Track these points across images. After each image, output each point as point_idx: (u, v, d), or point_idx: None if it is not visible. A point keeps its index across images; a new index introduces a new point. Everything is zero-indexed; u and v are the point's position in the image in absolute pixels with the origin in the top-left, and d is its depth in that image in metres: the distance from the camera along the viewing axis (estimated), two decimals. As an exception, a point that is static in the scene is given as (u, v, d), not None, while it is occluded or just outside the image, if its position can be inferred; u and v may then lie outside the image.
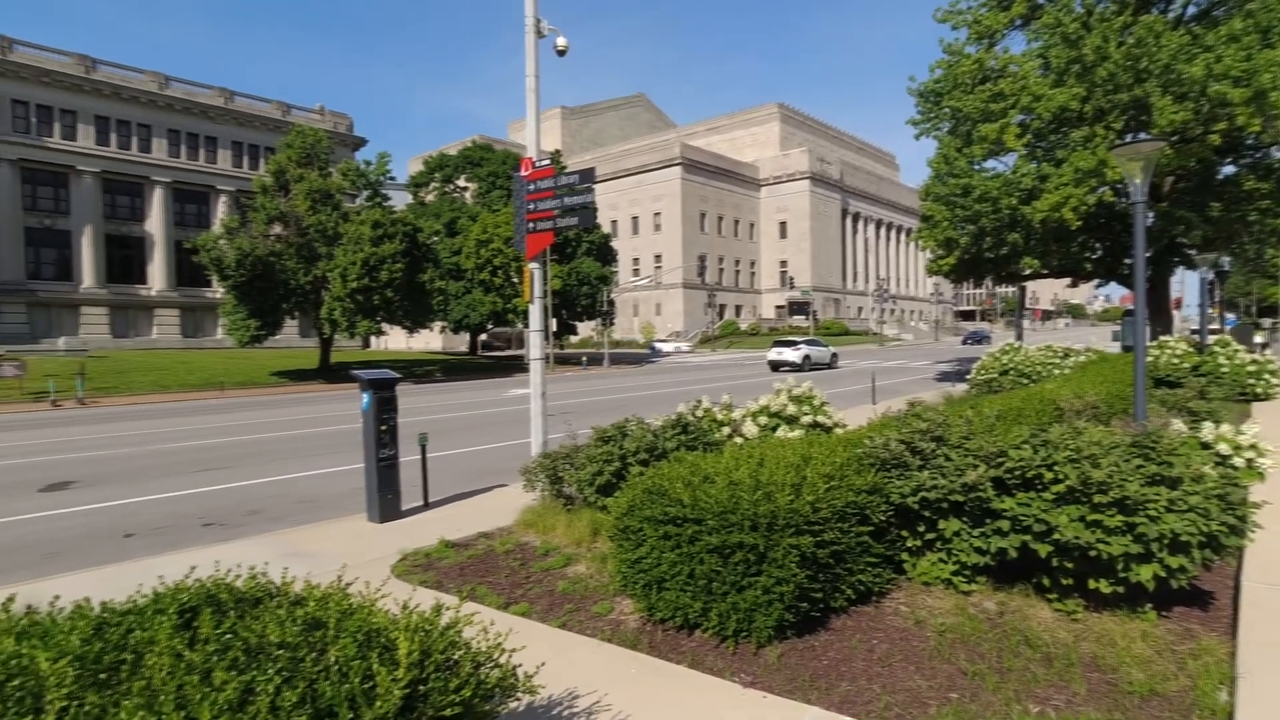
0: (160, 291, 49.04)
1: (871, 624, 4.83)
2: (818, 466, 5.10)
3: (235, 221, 36.43)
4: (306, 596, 2.49)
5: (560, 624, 5.02)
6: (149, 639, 2.16)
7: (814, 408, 8.97)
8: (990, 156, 22.16)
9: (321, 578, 3.04)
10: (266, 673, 1.94)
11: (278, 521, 8.83)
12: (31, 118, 44.06)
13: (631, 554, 4.93)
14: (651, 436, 7.43)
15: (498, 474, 10.77)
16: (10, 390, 27.96)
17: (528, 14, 9.10)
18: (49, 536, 8.43)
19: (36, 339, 42.59)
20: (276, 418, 21.29)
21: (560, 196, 8.97)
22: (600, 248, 54.17)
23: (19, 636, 2.14)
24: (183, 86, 50.24)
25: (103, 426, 20.04)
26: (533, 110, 9.36)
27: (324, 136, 38.87)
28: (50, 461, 14.01)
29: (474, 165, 57.32)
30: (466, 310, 47.47)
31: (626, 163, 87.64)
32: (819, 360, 40.17)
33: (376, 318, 35.88)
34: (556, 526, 7.11)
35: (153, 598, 2.51)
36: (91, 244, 46.08)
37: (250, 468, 12.76)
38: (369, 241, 33.90)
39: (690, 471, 5.11)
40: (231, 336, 37.52)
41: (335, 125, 56.13)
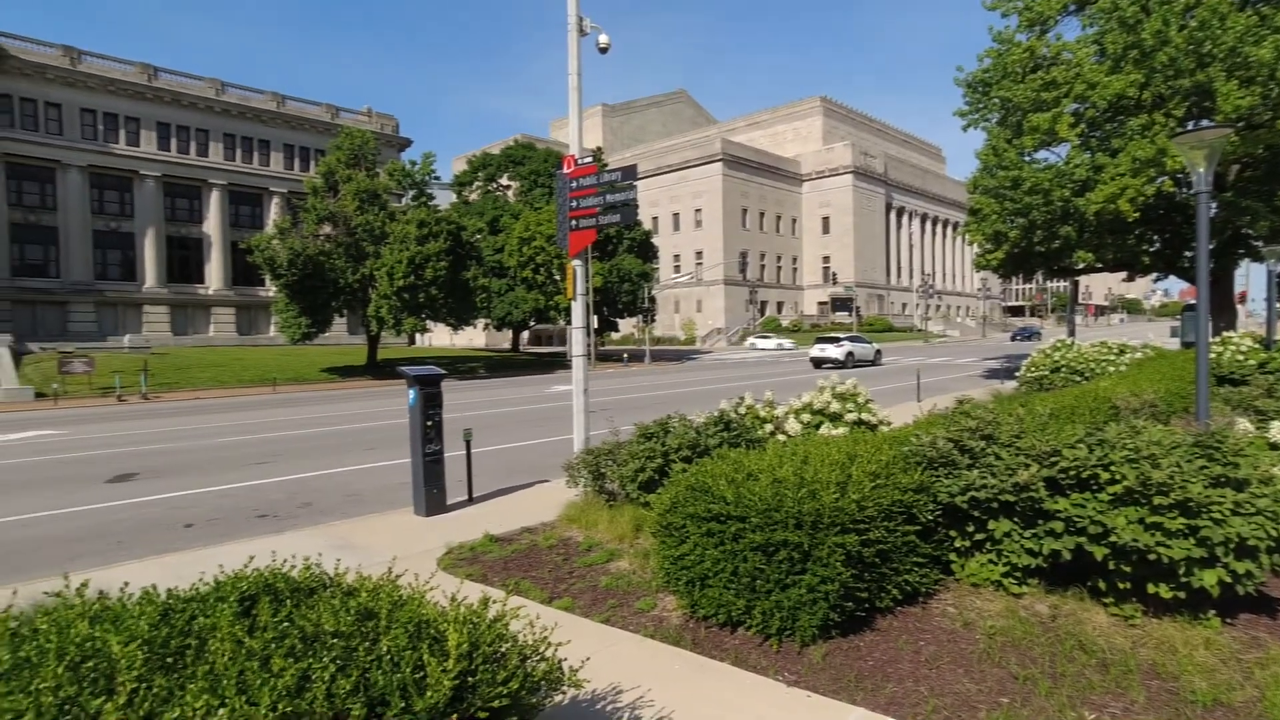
0: (217, 290, 50.77)
1: (918, 625, 4.75)
2: (863, 464, 5.03)
3: (287, 222, 37.49)
4: (359, 588, 2.56)
5: (603, 619, 5.06)
6: (211, 625, 2.24)
7: (858, 405, 8.85)
8: (1042, 147, 21.48)
9: (371, 570, 3.12)
10: (322, 661, 2.00)
11: (327, 514, 9.07)
12: (99, 125, 45.99)
13: (674, 551, 4.94)
14: (694, 433, 7.41)
15: (540, 469, 10.88)
16: (80, 385, 29.30)
17: (570, 13, 9.15)
18: (116, 525, 8.81)
19: (104, 337, 44.49)
20: (326, 413, 21.87)
21: (602, 194, 9.01)
22: (641, 245, 54.22)
23: (93, 620, 2.25)
24: (238, 92, 51.84)
25: (164, 421, 20.85)
26: (575, 108, 9.40)
27: (371, 138, 39.69)
28: (116, 454, 14.63)
29: (516, 164, 57.89)
30: (509, 307, 48.01)
31: (667, 159, 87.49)
32: (862, 357, 39.58)
33: (422, 315, 36.54)
34: (599, 522, 7.15)
35: (214, 586, 2.60)
36: (154, 245, 47.93)
37: (301, 461, 13.13)
38: (414, 240, 34.53)
39: (734, 469, 5.08)
40: (284, 334, 38.65)
41: (382, 127, 57.26)
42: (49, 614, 2.39)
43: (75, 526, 8.81)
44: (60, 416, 22.69)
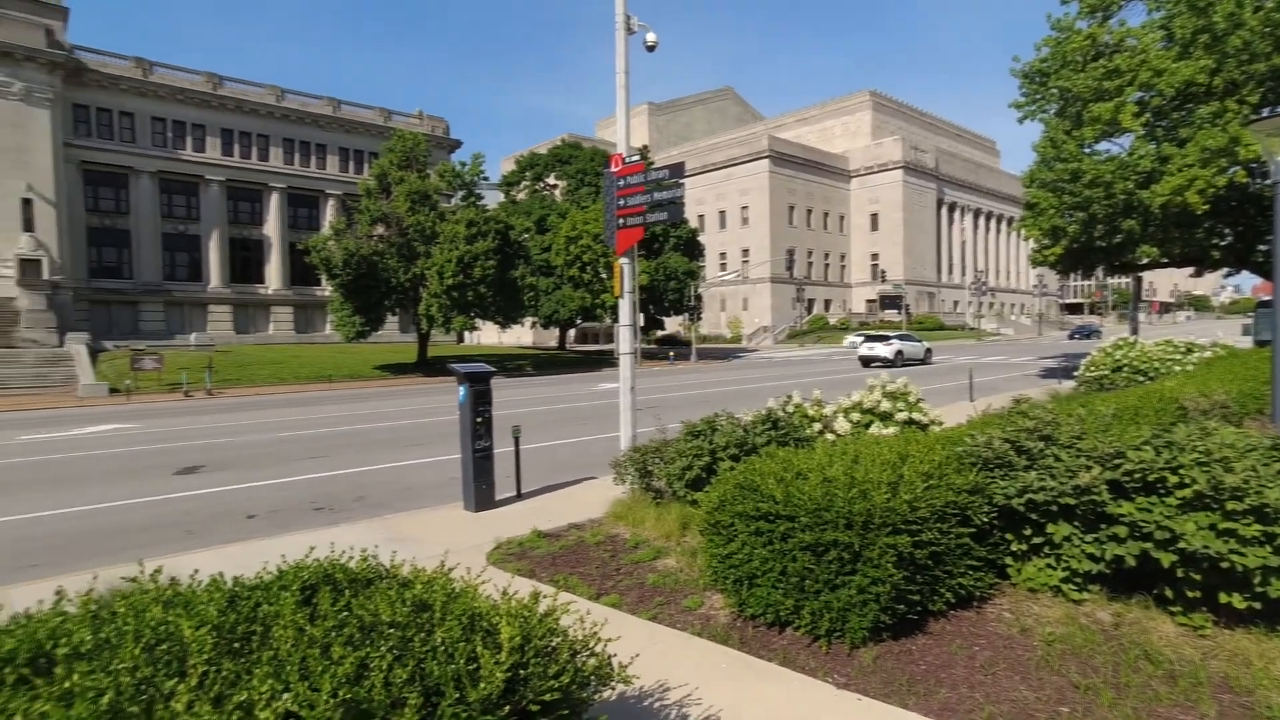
0: (276, 290, 52.52)
1: (973, 629, 4.64)
2: (915, 464, 4.93)
3: (342, 223, 38.54)
4: (413, 580, 2.62)
5: (650, 616, 5.07)
6: (275, 613, 2.33)
7: (909, 404, 8.68)
8: (1103, 138, 20.67)
9: (423, 562, 3.19)
10: (379, 650, 2.06)
11: (381, 507, 9.31)
12: (168, 133, 48.06)
13: (722, 549, 4.92)
14: (741, 432, 7.37)
15: (587, 466, 10.96)
16: (150, 381, 30.67)
17: (618, 12, 9.18)
18: (184, 516, 9.20)
19: (172, 335, 46.48)
20: (379, 409, 22.42)
21: (649, 192, 9.02)
22: (687, 243, 54.08)
23: (166, 605, 2.36)
24: (296, 98, 53.50)
25: (227, 416, 21.68)
26: (623, 107, 9.43)
27: (422, 140, 40.49)
28: (184, 447, 15.27)
29: (563, 163, 58.34)
30: (556, 306, 48.45)
31: (713, 157, 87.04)
32: (912, 356, 38.75)
33: (470, 313, 37.15)
34: (646, 520, 7.17)
35: (277, 575, 2.70)
36: (218, 247, 49.86)
37: (355, 456, 13.50)
38: (464, 240, 35.13)
39: (782, 467, 5.04)
40: (339, 332, 39.76)
41: (433, 129, 58.36)
42: (126, 598, 2.52)
43: (147, 516, 9.23)
44: (133, 411, 23.79)
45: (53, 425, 19.94)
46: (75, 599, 2.56)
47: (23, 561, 7.37)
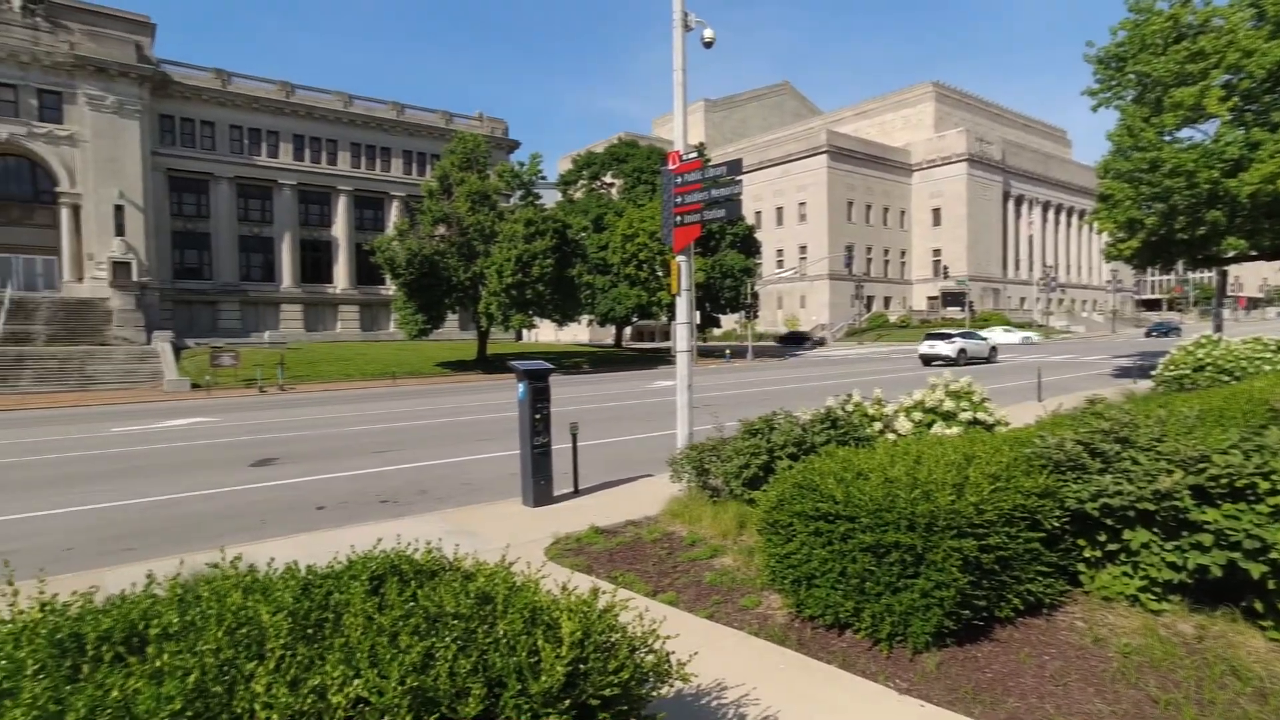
0: (343, 290, 54.40)
1: (1042, 638, 4.47)
2: (981, 466, 4.78)
3: (405, 224, 39.64)
4: (476, 572, 2.69)
5: (707, 615, 5.06)
6: (345, 601, 2.42)
7: (973, 404, 8.42)
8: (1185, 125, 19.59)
9: (484, 556, 3.26)
10: (444, 640, 2.12)
11: (442, 501, 9.54)
12: (244, 140, 50.39)
13: (780, 549, 4.88)
14: (799, 430, 7.28)
15: (644, 464, 11.00)
16: (228, 377, 32.19)
17: (675, 9, 9.16)
18: (258, 506, 9.63)
19: (247, 333, 48.70)
20: (440, 405, 22.98)
21: (707, 189, 8.98)
22: (744, 240, 53.65)
23: (245, 591, 2.47)
24: (363, 103, 55.27)
25: (298, 410, 22.57)
26: (680, 104, 9.42)
27: (482, 141, 41.29)
28: (258, 440, 15.97)
29: (619, 162, 58.60)
30: (612, 303, 48.73)
31: (770, 153, 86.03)
32: (976, 354, 37.53)
33: (529, 311, 37.72)
34: (702, 518, 7.15)
35: (347, 565, 2.80)
36: (289, 248, 51.97)
37: (418, 450, 13.87)
38: (522, 239, 35.67)
39: (842, 467, 4.96)
40: (402, 330, 40.91)
41: (492, 130, 59.43)
42: (209, 583, 2.65)
43: (225, 505, 9.70)
44: (212, 405, 25.00)
45: (141, 418, 21.13)
46: (164, 582, 2.71)
47: (118, 545, 7.84)
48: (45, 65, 41.51)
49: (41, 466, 13.32)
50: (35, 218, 42.94)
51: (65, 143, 42.27)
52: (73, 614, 2.43)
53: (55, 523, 8.97)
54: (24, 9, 41.23)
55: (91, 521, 8.98)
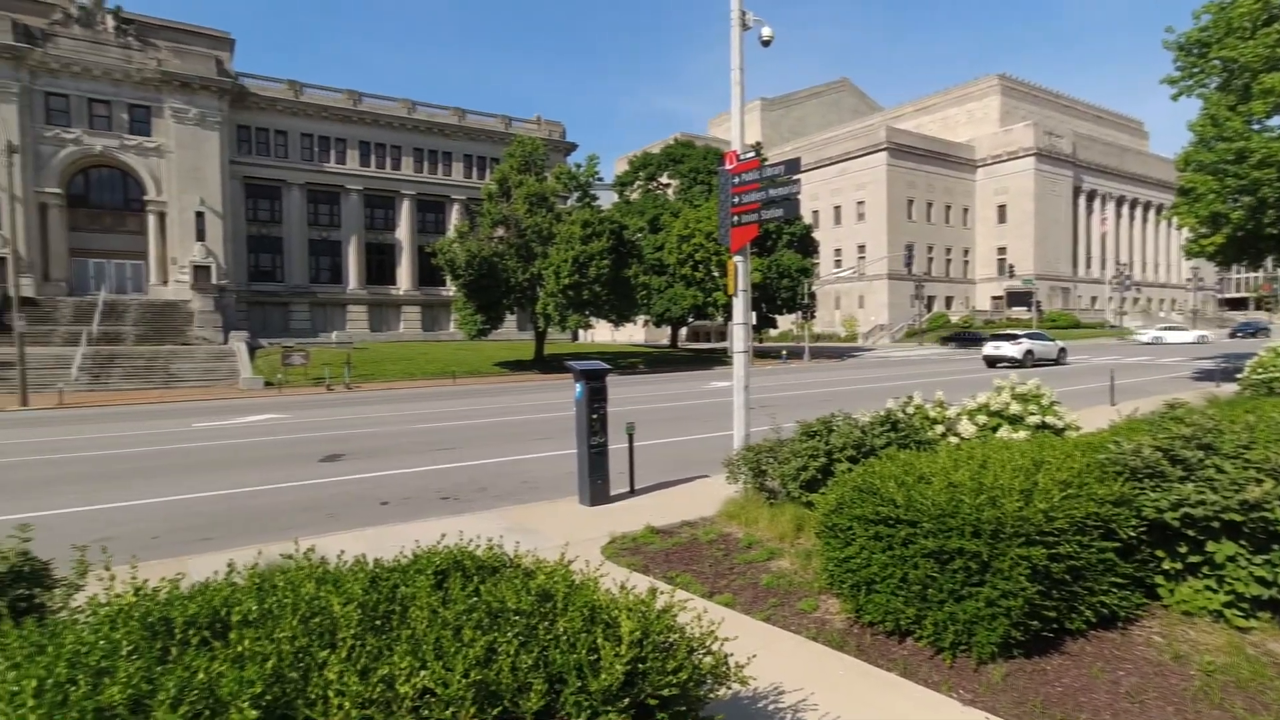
0: (406, 291, 55.99)
1: (1116, 652, 4.29)
2: (1051, 472, 4.61)
3: (465, 226, 40.53)
4: (536, 570, 2.74)
5: (764, 617, 5.03)
6: (411, 594, 2.50)
7: (1042, 407, 8.12)
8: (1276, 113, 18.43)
9: (543, 554, 3.32)
10: (506, 635, 2.17)
11: (501, 499, 9.72)
12: (314, 147, 52.46)
13: (839, 552, 4.81)
14: (859, 433, 7.16)
15: (699, 464, 10.98)
16: (298, 375, 33.51)
17: (733, 7, 9.12)
18: (327, 500, 10.00)
19: (316, 333, 50.62)
20: (499, 404, 23.40)
21: (764, 188, 8.91)
22: (801, 239, 52.94)
23: (318, 582, 2.58)
24: (425, 109, 56.78)
25: (364, 408, 23.32)
26: (737, 103, 9.37)
27: (540, 145, 41.86)
28: (326, 437, 16.57)
29: (675, 162, 58.57)
30: (668, 304, 48.74)
31: (828, 151, 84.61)
32: (1043, 355, 36.07)
33: (585, 312, 38.05)
34: (759, 519, 7.10)
35: (412, 559, 2.90)
36: (356, 251, 53.80)
37: (478, 448, 14.16)
38: (579, 240, 36.01)
39: (903, 470, 4.86)
40: (462, 330, 41.82)
41: (550, 133, 60.21)
42: (284, 573, 2.78)
43: (297, 499, 10.10)
44: (283, 403, 26.06)
45: (219, 414, 22.18)
46: (243, 571, 2.85)
47: (199, 534, 8.27)
48: (136, 82, 44.12)
49: (133, 459, 14.13)
50: (126, 225, 45.67)
51: (153, 154, 44.81)
52: (162, 599, 2.58)
53: (145, 511, 9.51)
54: (118, 30, 43.86)
55: (176, 511, 9.48)
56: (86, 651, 2.14)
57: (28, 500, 10.29)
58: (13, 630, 2.41)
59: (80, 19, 43.08)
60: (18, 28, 40.79)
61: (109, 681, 1.97)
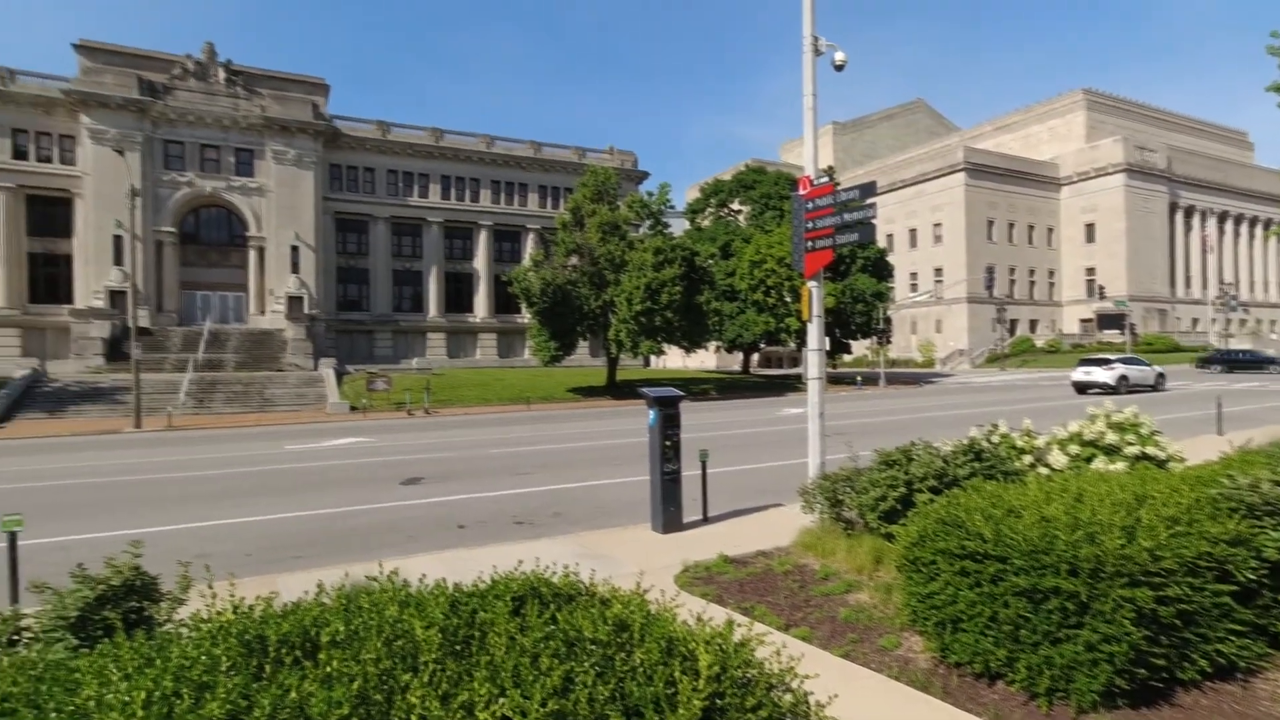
0: (483, 318, 57.70)
1: (1237, 707, 3.94)
2: (1156, 507, 4.32)
3: (540, 255, 41.55)
4: (611, 598, 2.74)
5: (843, 654, 4.86)
6: (490, 620, 2.53)
7: (1141, 436, 7.64)
8: None
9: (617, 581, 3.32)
10: (583, 665, 2.17)
11: (575, 524, 9.79)
12: (399, 183, 55.18)
13: (922, 588, 4.62)
14: (940, 462, 6.90)
15: (773, 493, 10.79)
16: (381, 400, 34.86)
17: (805, 34, 9.12)
18: (407, 522, 10.30)
19: (398, 360, 52.68)
20: (572, 430, 23.67)
21: (838, 213, 8.80)
22: (875, 263, 51.88)
23: (401, 605, 2.66)
24: (503, 143, 58.92)
25: (442, 432, 24.01)
26: (810, 129, 9.32)
27: (613, 174, 42.65)
28: (407, 460, 17.12)
29: (747, 188, 58.56)
30: (740, 330, 48.45)
31: (903, 173, 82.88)
32: (1139, 381, 33.88)
33: (657, 338, 38.21)
34: (836, 551, 6.91)
35: (490, 584, 2.94)
36: (436, 281, 55.94)
37: (552, 473, 14.33)
38: (651, 267, 36.33)
39: (990, 503, 4.64)
40: (536, 356, 42.65)
41: (622, 163, 61.33)
42: (369, 595, 2.87)
43: (379, 520, 10.45)
44: (367, 426, 27.12)
45: (309, 437, 23.26)
46: (331, 592, 2.96)
47: (289, 553, 8.65)
48: (242, 127, 47.72)
49: (232, 479, 14.96)
50: (230, 259, 49.08)
51: (255, 193, 48.17)
52: (257, 617, 2.70)
53: (240, 530, 10.03)
54: (227, 81, 47.74)
55: (269, 530, 9.96)
56: (190, 666, 2.26)
57: (138, 516, 11.02)
58: (125, 642, 2.57)
59: (196, 72, 46.99)
60: (143, 83, 44.82)
61: (209, 697, 2.07)
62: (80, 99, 43.50)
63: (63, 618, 4.08)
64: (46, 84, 44.58)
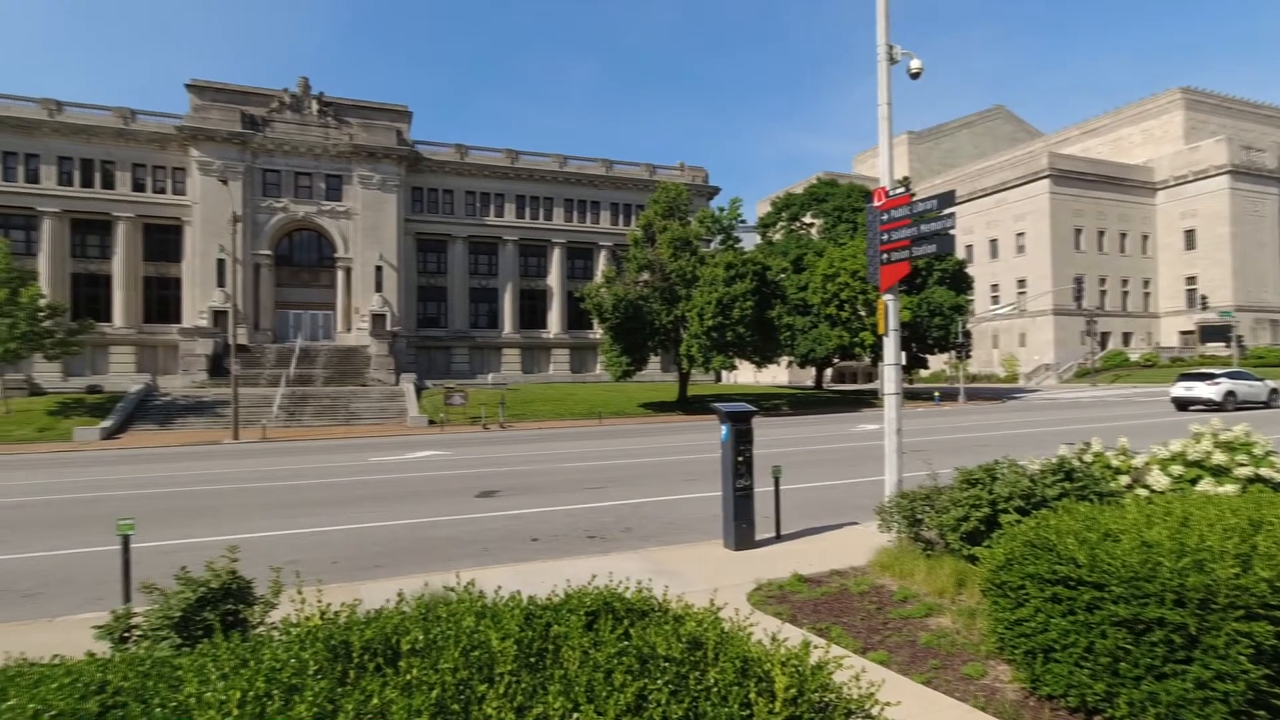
0: (556, 334, 58.75)
1: (1375, 759, 3.56)
2: (1276, 534, 3.98)
3: (612, 272, 41.98)
4: (684, 615, 2.72)
5: (924, 680, 4.67)
6: (564, 634, 2.56)
7: (1254, 457, 7.07)
8: None
9: (689, 598, 3.29)
10: (657, 682, 2.16)
11: (646, 539, 9.78)
12: (476, 203, 57.13)
13: (1010, 614, 4.39)
14: (1027, 481, 6.58)
15: (848, 510, 10.52)
16: (458, 415, 35.86)
17: (879, 43, 8.96)
18: (482, 534, 10.52)
19: (474, 375, 54.16)
20: (644, 445, 23.72)
21: (915, 224, 8.57)
22: (954, 275, 50.18)
23: (477, 616, 2.71)
24: (576, 163, 60.17)
25: (516, 446, 24.47)
26: (885, 139, 9.13)
27: (684, 190, 42.80)
28: (482, 473, 17.52)
29: (819, 201, 57.75)
30: (812, 344, 47.64)
31: (982, 182, 79.94)
32: (1249, 398, 31.35)
33: (729, 353, 37.97)
34: (915, 572, 6.67)
35: (564, 598, 2.97)
36: (510, 298, 57.39)
37: (623, 488, 14.38)
38: (722, 282, 36.19)
39: (1084, 525, 4.39)
40: (608, 372, 43.01)
41: (693, 179, 61.54)
42: (447, 605, 2.95)
43: (456, 532, 10.71)
44: (444, 440, 27.92)
45: (390, 450, 24.12)
46: (410, 600, 3.05)
47: (371, 561, 8.97)
48: (332, 155, 50.54)
49: (319, 489, 15.66)
50: (319, 279, 51.80)
51: (342, 216, 50.81)
52: (341, 623, 2.81)
53: (326, 538, 10.47)
54: (319, 112, 50.72)
55: (353, 539, 10.36)
56: (280, 669, 2.36)
57: (235, 523, 11.66)
58: (223, 643, 2.72)
59: (291, 105, 50.14)
60: (245, 117, 48.28)
61: (298, 699, 2.16)
62: (190, 134, 47.10)
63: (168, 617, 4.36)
64: (162, 122, 48.45)
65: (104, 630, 4.40)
